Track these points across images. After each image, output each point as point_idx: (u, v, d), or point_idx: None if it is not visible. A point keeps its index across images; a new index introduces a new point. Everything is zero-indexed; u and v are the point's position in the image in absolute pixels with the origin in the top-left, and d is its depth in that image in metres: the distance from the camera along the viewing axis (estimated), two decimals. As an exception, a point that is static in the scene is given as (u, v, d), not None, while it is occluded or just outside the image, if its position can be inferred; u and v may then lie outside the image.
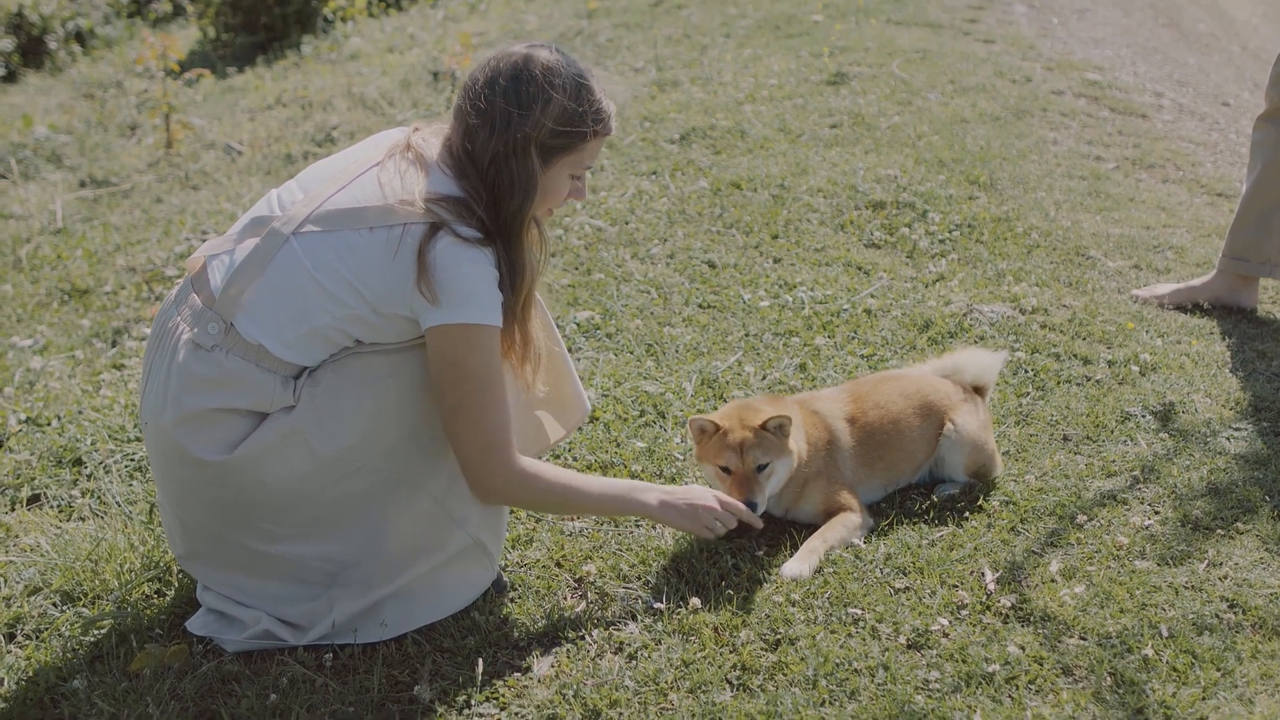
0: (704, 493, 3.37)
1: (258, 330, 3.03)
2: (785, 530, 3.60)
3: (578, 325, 4.96)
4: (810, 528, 3.58)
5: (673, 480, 3.92)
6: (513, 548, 3.59)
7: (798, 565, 3.39)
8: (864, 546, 3.49)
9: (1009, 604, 3.24)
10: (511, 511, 3.76)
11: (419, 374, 3.14)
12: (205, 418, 3.03)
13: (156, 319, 3.20)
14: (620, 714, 2.91)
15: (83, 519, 3.89)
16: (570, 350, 4.82)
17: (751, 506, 3.42)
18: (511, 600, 3.35)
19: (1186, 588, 3.30)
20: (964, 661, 3.03)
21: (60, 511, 3.97)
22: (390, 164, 3.12)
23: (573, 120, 3.12)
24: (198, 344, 3.04)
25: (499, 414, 3.08)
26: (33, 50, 14.37)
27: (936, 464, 3.85)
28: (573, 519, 3.68)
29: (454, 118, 3.15)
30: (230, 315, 3.04)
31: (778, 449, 3.48)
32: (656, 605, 3.28)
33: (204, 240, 6.06)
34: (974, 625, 3.18)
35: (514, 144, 3.07)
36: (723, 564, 3.43)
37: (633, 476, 3.93)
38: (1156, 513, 3.66)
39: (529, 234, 3.16)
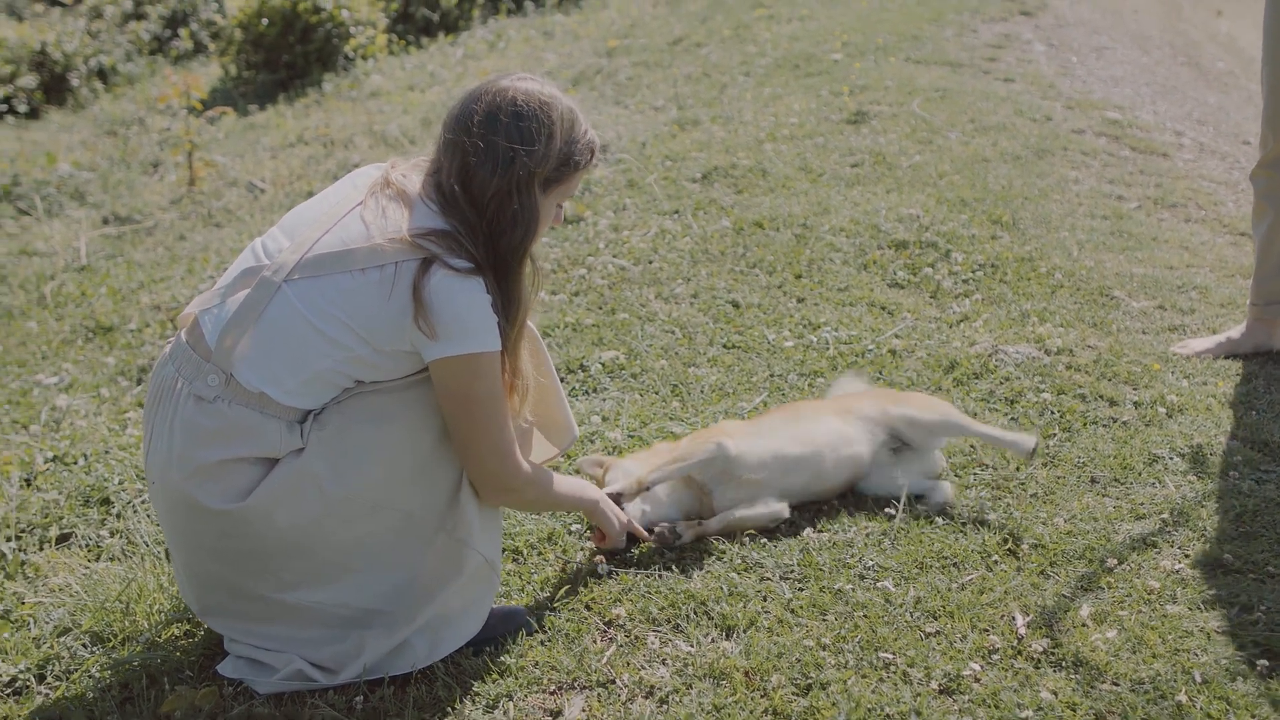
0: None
1: (258, 379, 3.02)
2: (816, 575, 3.59)
3: (602, 365, 4.97)
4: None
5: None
6: (541, 589, 3.59)
7: None
8: (894, 590, 3.48)
9: (1041, 649, 3.23)
10: (540, 553, 3.76)
11: (422, 411, 3.15)
12: (216, 469, 3.02)
13: (153, 377, 3.19)
14: (652, 759, 2.90)
15: (112, 559, 3.90)
16: (595, 390, 4.83)
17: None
18: (541, 643, 3.35)
19: (1219, 633, 3.28)
20: (996, 707, 3.01)
21: (89, 551, 3.98)
22: (372, 202, 3.12)
23: (570, 154, 3.17)
24: (199, 397, 3.03)
25: (508, 427, 3.16)
26: (56, 87, 14.48)
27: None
28: (601, 559, 3.68)
29: (445, 153, 3.13)
30: (228, 366, 3.03)
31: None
32: (687, 649, 3.27)
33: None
34: (1006, 670, 3.16)
35: (518, 180, 3.09)
36: (752, 608, 3.42)
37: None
38: (1187, 556, 3.65)
39: (525, 266, 3.18)
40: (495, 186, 3.07)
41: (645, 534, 3.76)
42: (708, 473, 3.84)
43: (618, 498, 3.71)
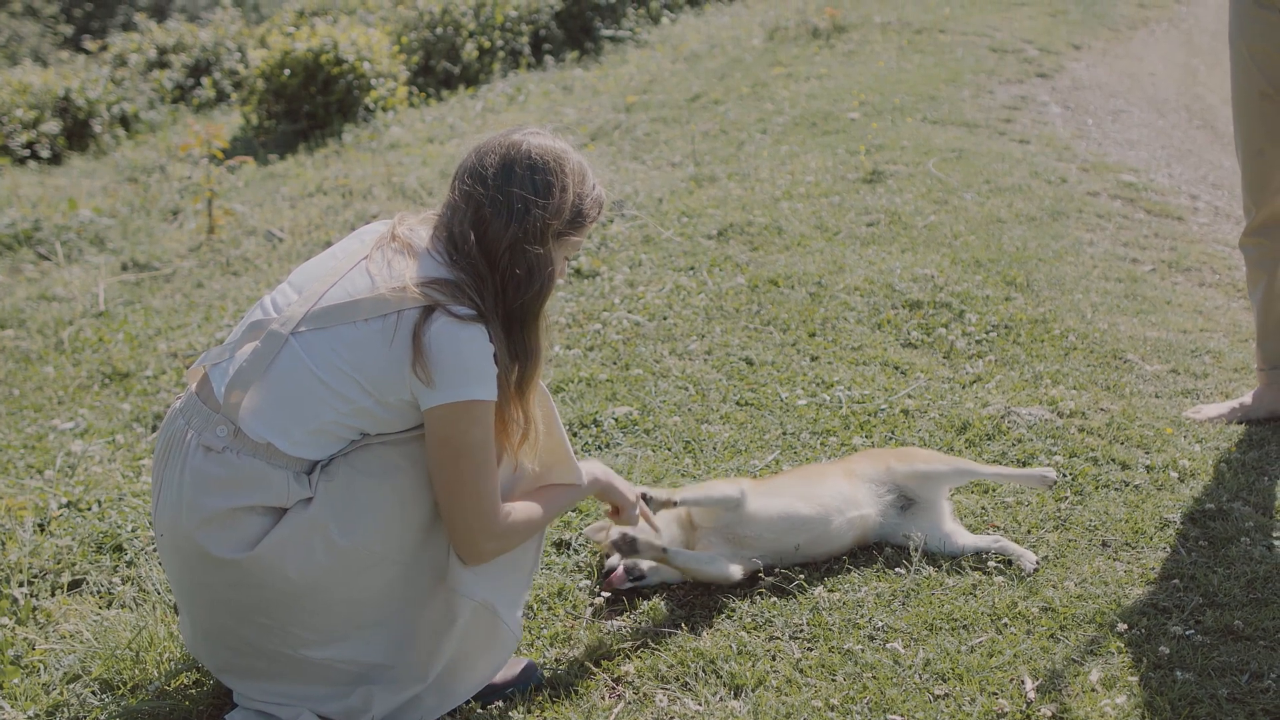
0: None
1: (265, 429, 3.05)
2: (826, 635, 3.59)
3: (615, 421, 4.98)
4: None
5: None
6: (550, 646, 3.59)
7: None
8: (903, 651, 3.48)
9: (1049, 713, 3.22)
10: (550, 608, 3.77)
11: (426, 468, 3.17)
12: (225, 518, 3.04)
13: (162, 432, 3.22)
14: (658, 818, 2.90)
15: (123, 607, 3.91)
16: (607, 446, 4.84)
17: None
18: (550, 699, 3.35)
19: (1229, 700, 3.27)
20: (1005, 772, 3.01)
21: (100, 598, 3.99)
22: (378, 255, 3.16)
23: (580, 208, 3.21)
24: (208, 447, 3.06)
25: (493, 481, 3.14)
26: (78, 133, 14.60)
27: None
28: (610, 618, 3.69)
29: (458, 204, 3.16)
30: (236, 418, 3.06)
31: None
32: (695, 707, 3.27)
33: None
34: (1014, 735, 3.16)
35: (532, 233, 3.12)
36: (761, 667, 3.42)
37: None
38: (1198, 622, 3.64)
39: (541, 319, 3.20)
40: (510, 238, 3.11)
41: (652, 517, 3.78)
42: (718, 515, 3.86)
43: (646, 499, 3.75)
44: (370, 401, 3.06)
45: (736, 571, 3.83)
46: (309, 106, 13.06)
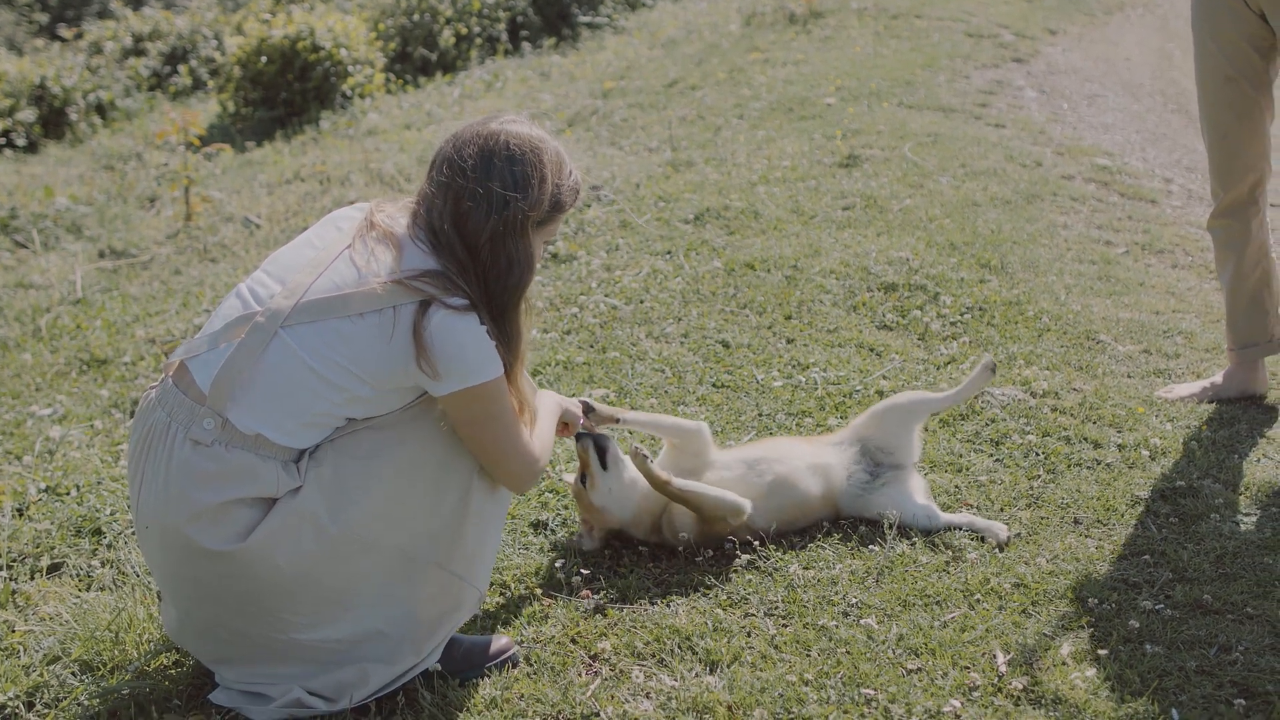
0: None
1: (255, 422, 3.05)
2: (800, 612, 3.63)
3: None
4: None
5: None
6: (528, 624, 3.62)
7: None
8: (877, 627, 3.52)
9: (1021, 686, 3.26)
10: (527, 586, 3.80)
11: (415, 447, 3.21)
12: (215, 511, 3.04)
13: (138, 423, 3.19)
14: (634, 791, 2.93)
15: (103, 589, 3.93)
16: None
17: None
18: (527, 675, 3.38)
19: (1198, 672, 3.32)
20: (976, 743, 3.05)
21: (80, 581, 4.01)
22: (360, 245, 3.17)
23: (559, 196, 3.24)
24: (196, 441, 3.05)
25: (519, 430, 3.27)
26: (54, 121, 14.55)
27: None
28: (585, 597, 3.72)
29: (437, 194, 3.17)
30: (223, 410, 3.05)
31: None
32: (671, 683, 3.30)
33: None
34: (986, 707, 3.20)
35: (512, 225, 3.15)
36: (736, 643, 3.46)
37: (641, 555, 3.97)
38: (1168, 596, 3.68)
39: (522, 305, 3.24)
40: (490, 230, 3.13)
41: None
42: (677, 459, 4.05)
43: (588, 409, 3.98)
44: (366, 389, 3.08)
45: (747, 504, 3.95)
46: (286, 93, 13.04)
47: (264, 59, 12.98)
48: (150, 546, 3.17)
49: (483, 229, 3.12)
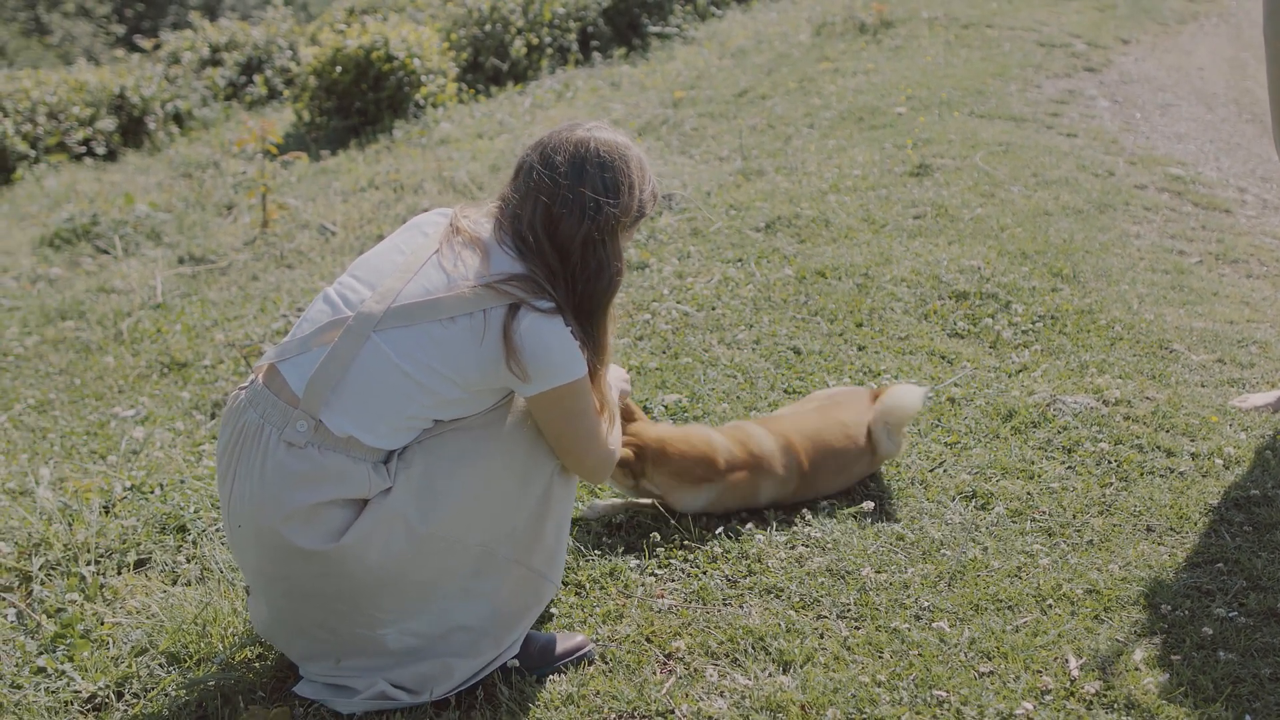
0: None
1: (349, 424, 3.11)
2: (873, 615, 3.66)
3: (665, 408, 5.06)
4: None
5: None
6: (603, 623, 3.67)
7: None
8: (949, 630, 3.55)
9: (1093, 690, 3.28)
10: (603, 587, 3.85)
11: (501, 449, 3.27)
12: (309, 512, 3.11)
13: (229, 423, 3.25)
14: (709, 787, 2.97)
15: (188, 584, 4.02)
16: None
17: None
18: (603, 673, 3.43)
19: (1271, 679, 3.32)
20: (1048, 746, 3.07)
21: (166, 575, 4.11)
22: (448, 250, 3.23)
23: (644, 202, 3.30)
24: (290, 442, 3.11)
25: (599, 427, 3.35)
26: (133, 130, 14.83)
27: None
28: (659, 597, 3.77)
29: (525, 200, 3.23)
30: (316, 412, 3.12)
31: None
32: (745, 682, 3.35)
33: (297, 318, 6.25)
34: (1058, 711, 3.22)
35: (604, 230, 3.21)
36: (809, 644, 3.50)
37: (716, 557, 4.02)
38: (1241, 604, 3.68)
39: (610, 310, 3.30)
40: (583, 235, 3.19)
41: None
42: None
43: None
44: (458, 392, 3.14)
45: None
46: (360, 103, 13.19)
47: (339, 69, 13.13)
48: (242, 545, 3.23)
49: (575, 234, 3.18)
